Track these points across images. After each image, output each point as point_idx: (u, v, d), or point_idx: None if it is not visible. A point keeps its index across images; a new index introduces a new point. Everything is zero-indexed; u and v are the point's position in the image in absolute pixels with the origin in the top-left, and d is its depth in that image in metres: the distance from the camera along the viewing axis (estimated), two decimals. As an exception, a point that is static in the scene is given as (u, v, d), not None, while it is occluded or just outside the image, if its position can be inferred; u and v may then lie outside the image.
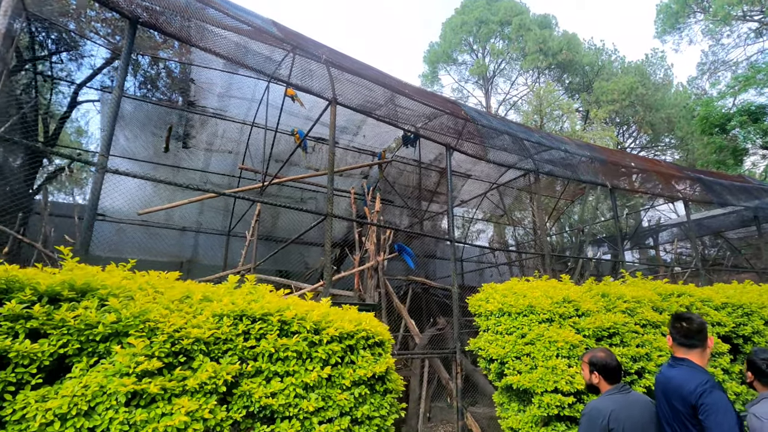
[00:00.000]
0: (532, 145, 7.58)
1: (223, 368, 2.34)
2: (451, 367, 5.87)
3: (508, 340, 4.81)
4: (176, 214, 10.16)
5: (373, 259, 7.95)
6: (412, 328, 7.58)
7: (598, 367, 2.70)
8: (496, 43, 26.38)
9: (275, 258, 11.43)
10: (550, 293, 5.11)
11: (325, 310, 2.91)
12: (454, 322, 5.73)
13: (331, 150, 5.23)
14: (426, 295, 9.83)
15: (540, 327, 4.75)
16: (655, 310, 5.71)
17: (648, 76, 25.93)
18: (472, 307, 5.44)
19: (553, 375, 4.41)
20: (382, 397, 2.94)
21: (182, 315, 2.44)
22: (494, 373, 4.93)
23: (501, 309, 5.02)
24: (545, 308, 4.88)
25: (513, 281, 5.50)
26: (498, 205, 13.09)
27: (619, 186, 8.15)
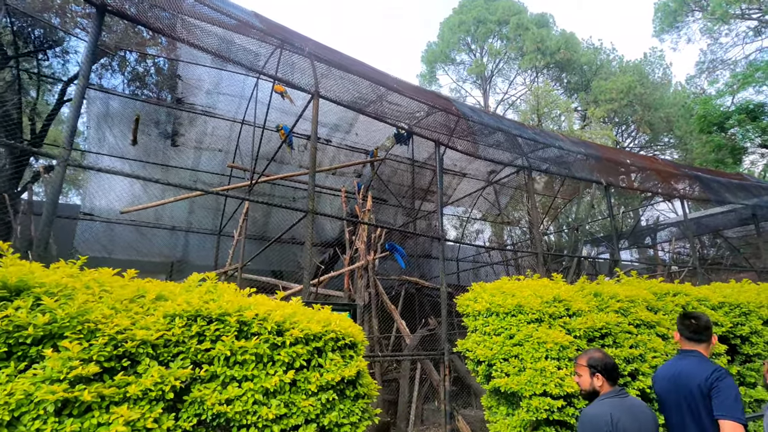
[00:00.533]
0: (526, 142, 7.38)
1: (172, 373, 2.14)
2: (445, 367, 5.67)
3: (496, 341, 4.60)
4: (166, 213, 9.98)
5: (363, 259, 7.75)
6: (402, 328, 7.38)
7: (600, 368, 2.49)
8: (494, 43, 26.21)
9: (269, 258, 11.27)
10: (540, 292, 4.90)
11: (290, 310, 2.71)
12: (443, 322, 5.53)
13: (312, 144, 5.04)
14: (419, 296, 9.63)
15: (529, 327, 4.55)
16: (649, 310, 5.50)
17: (646, 75, 25.73)
18: (460, 306, 5.24)
19: (541, 377, 4.20)
20: (352, 403, 2.74)
21: (130, 315, 2.25)
22: (482, 376, 4.73)
23: (489, 309, 4.82)
24: (534, 308, 4.68)
25: (503, 280, 5.30)
26: (494, 204, 12.89)
27: (614, 183, 7.94)
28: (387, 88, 6.19)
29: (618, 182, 8.02)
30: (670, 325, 5.48)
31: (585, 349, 4.82)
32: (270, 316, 2.55)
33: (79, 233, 9.20)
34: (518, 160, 10.43)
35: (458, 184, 12.42)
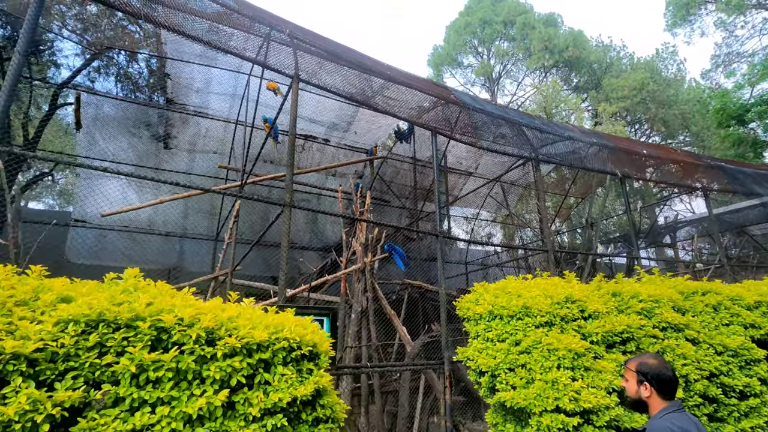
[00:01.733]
0: (533, 133, 6.77)
1: (53, 397, 1.60)
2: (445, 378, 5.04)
3: (500, 349, 3.98)
4: (160, 219, 9.58)
5: (360, 261, 7.19)
6: (403, 335, 6.77)
7: (649, 377, 2.18)
8: (500, 44, 25.63)
9: (268, 263, 10.76)
10: (550, 292, 4.27)
11: (229, 313, 2.16)
12: (442, 327, 4.92)
13: (291, 132, 4.52)
14: (423, 301, 9.00)
15: (537, 332, 3.91)
16: (676, 311, 4.81)
17: (659, 71, 24.83)
18: (460, 310, 4.63)
19: (553, 390, 3.56)
20: (311, 429, 2.17)
21: (10, 321, 1.72)
22: (485, 388, 4.10)
23: (491, 311, 4.21)
24: (543, 309, 4.04)
25: (508, 279, 4.68)
26: (502, 204, 12.23)
27: (630, 175, 7.25)
28: (378, 75, 5.65)
29: (634, 174, 7.33)
30: (700, 328, 4.77)
31: (603, 356, 4.17)
32: (198, 320, 2.00)
33: (70, 241, 8.83)
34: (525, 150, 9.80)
35: (464, 183, 11.81)
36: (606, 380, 3.75)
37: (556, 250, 7.56)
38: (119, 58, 8.63)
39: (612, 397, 3.67)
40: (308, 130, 9.62)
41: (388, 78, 5.74)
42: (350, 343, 6.75)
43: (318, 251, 11.08)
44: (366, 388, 6.67)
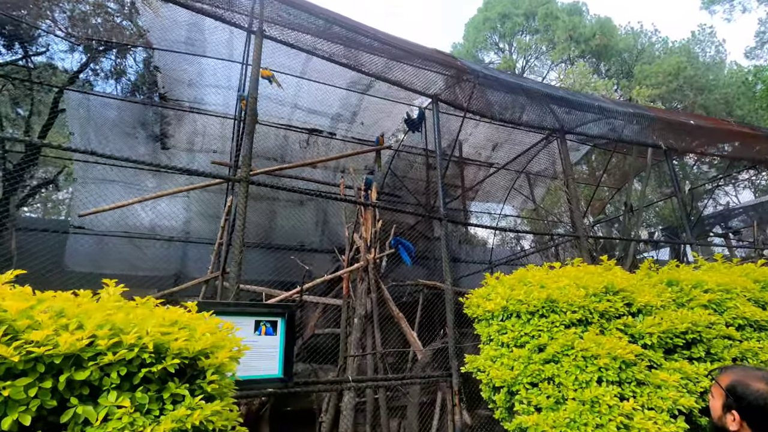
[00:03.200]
0: (558, 104, 5.72)
1: None
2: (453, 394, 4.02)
3: (518, 356, 2.96)
4: (161, 224, 9.03)
5: (363, 258, 6.29)
6: (413, 341, 5.80)
7: (743, 405, 1.36)
8: (522, 38, 24.44)
9: (277, 268, 10.03)
10: (583, 281, 3.22)
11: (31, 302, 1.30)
12: (449, 331, 3.94)
13: (251, 95, 3.70)
14: (440, 303, 7.97)
15: (568, 333, 2.88)
16: (754, 304, 3.63)
17: (696, 55, 22.93)
18: (468, 308, 3.64)
19: (593, 414, 2.52)
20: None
21: None
22: (502, 408, 3.09)
23: (505, 308, 3.19)
24: (576, 303, 3.00)
25: (528, 268, 3.65)
26: (528, 196, 11.05)
27: (676, 147, 6.04)
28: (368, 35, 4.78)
29: (680, 146, 6.10)
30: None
31: (662, 364, 3.06)
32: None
33: (69, 248, 8.39)
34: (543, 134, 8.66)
35: (486, 175, 10.73)
36: (668, 398, 2.66)
37: (589, 236, 6.40)
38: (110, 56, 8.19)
39: (679, 423, 2.58)
40: (311, 123, 8.87)
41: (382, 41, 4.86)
42: (352, 351, 5.83)
43: (329, 254, 10.26)
44: (372, 403, 5.71)
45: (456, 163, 10.21)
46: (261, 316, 2.60)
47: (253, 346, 2.57)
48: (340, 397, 5.86)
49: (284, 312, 2.66)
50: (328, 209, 10.00)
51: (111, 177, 8.71)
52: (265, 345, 2.57)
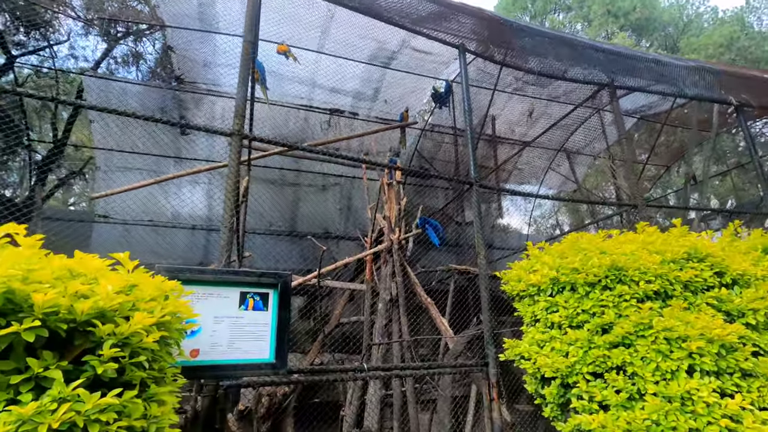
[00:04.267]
0: (605, 56, 4.92)
1: None
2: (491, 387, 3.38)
3: (574, 339, 2.30)
4: (184, 211, 8.80)
5: (387, 239, 5.72)
6: (444, 329, 5.18)
7: None
8: (555, 17, 23.12)
9: (304, 256, 9.67)
10: (656, 245, 2.51)
11: None
12: (484, 315, 3.31)
13: (246, 38, 3.19)
14: (473, 290, 7.29)
15: (643, 309, 2.19)
16: None
17: (750, 25, 20.89)
18: (508, 283, 2.99)
19: (684, 414, 1.85)
20: None
21: None
22: (553, 405, 2.44)
23: (555, 279, 2.53)
24: (651, 271, 2.30)
25: (577, 234, 2.95)
26: (568, 177, 10.13)
27: (750, 103, 5.09)
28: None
29: (757, 102, 5.13)
30: None
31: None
32: None
33: (94, 238, 8.30)
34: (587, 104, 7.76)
35: (519, 156, 9.89)
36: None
37: (649, 204, 5.55)
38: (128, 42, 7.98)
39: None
40: (332, 102, 8.36)
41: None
42: (378, 339, 5.29)
43: (355, 241, 9.77)
44: (399, 396, 5.15)
45: (488, 141, 9.44)
46: (248, 286, 2.08)
47: (237, 323, 2.06)
48: (365, 390, 5.34)
49: (276, 282, 2.12)
50: (353, 194, 9.50)
51: (132, 165, 8.54)
52: (253, 322, 2.05)
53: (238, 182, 2.57)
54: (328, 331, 6.36)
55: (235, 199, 2.51)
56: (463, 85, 3.95)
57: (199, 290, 1.99)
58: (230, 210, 2.47)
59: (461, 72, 4.07)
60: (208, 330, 1.96)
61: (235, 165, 2.59)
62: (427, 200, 9.44)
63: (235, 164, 2.59)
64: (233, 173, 2.59)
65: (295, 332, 7.59)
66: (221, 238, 2.51)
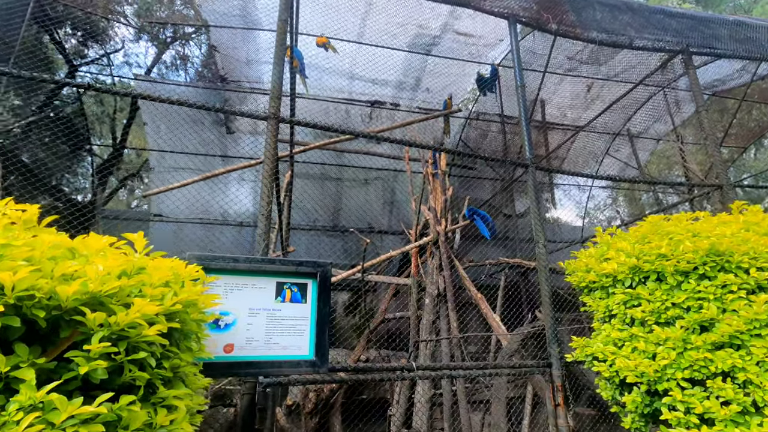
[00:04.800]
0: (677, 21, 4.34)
1: None
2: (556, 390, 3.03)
3: (664, 338, 1.92)
4: (232, 209, 8.97)
5: (432, 231, 5.43)
6: (495, 325, 4.81)
7: None
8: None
9: (347, 250, 9.60)
10: (764, 227, 2.07)
11: None
12: (545, 309, 2.95)
13: (280, 17, 3.01)
14: (526, 284, 6.84)
15: (758, 302, 1.78)
16: None
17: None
18: (573, 274, 2.62)
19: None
20: None
21: None
22: (635, 415, 2.07)
23: (637, 267, 2.15)
24: (763, 255, 1.88)
25: (658, 217, 2.52)
26: (628, 162, 9.34)
27: None
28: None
29: None
30: None
31: None
32: None
33: (152, 236, 8.65)
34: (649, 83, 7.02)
35: (572, 142, 9.23)
36: None
37: (737, 185, 4.88)
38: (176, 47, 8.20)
39: None
40: (372, 94, 8.15)
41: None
42: (425, 336, 5.02)
43: (399, 235, 9.54)
44: (449, 396, 4.86)
45: (537, 128, 8.86)
46: (285, 276, 1.89)
47: (274, 316, 1.87)
48: (413, 388, 5.10)
49: (315, 271, 1.92)
50: (396, 187, 9.26)
51: (182, 165, 8.79)
52: (291, 315, 1.86)
53: (276, 168, 2.41)
54: (374, 327, 6.17)
55: (272, 185, 2.34)
56: (513, 55, 3.57)
57: (232, 280, 1.82)
58: (267, 196, 2.30)
59: (511, 43, 3.69)
60: (243, 323, 1.79)
61: (272, 149, 2.42)
62: (473, 192, 9.02)
63: (272, 148, 2.43)
64: (270, 158, 2.42)
65: (340, 328, 7.49)
66: (258, 226, 2.35)
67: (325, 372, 1.81)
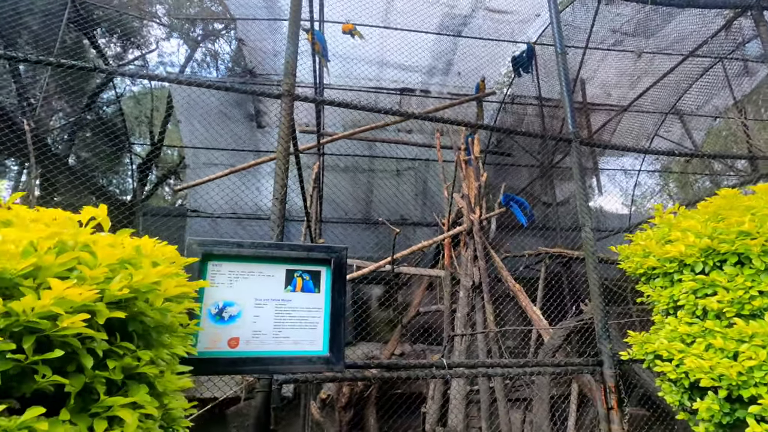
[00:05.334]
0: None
1: None
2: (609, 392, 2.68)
3: (750, 334, 1.57)
4: (264, 203, 9.01)
5: (466, 220, 5.11)
6: (535, 319, 4.46)
7: None
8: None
9: (377, 243, 9.44)
10: None
11: None
12: (594, 300, 2.61)
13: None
14: (569, 275, 6.38)
15: None
16: None
17: None
18: (628, 259, 2.27)
19: None
20: None
21: None
22: (710, 424, 1.72)
23: (710, 249, 1.79)
24: None
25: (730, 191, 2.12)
26: (679, 143, 8.56)
27: None
28: None
29: None
30: None
31: None
32: None
33: (189, 230, 8.84)
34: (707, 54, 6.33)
35: (617, 122, 8.56)
36: None
37: None
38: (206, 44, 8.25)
39: None
40: (402, 81, 7.87)
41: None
42: (460, 330, 4.74)
43: (432, 227, 9.25)
44: (487, 393, 4.56)
45: (578, 109, 8.27)
46: (295, 263, 1.70)
47: (283, 307, 1.67)
48: (448, 384, 4.84)
49: (329, 257, 1.70)
50: (428, 177, 8.96)
51: (216, 161, 8.89)
52: (302, 306, 1.66)
53: (288, 148, 2.21)
54: (407, 320, 5.95)
55: (286, 167, 2.15)
56: (552, 16, 3.19)
57: (237, 267, 1.64)
58: (281, 179, 2.12)
59: (549, 4, 3.30)
60: (249, 315, 1.60)
61: (286, 128, 2.23)
62: (509, 180, 8.56)
63: (286, 128, 2.23)
64: (284, 137, 2.23)
65: (372, 321, 7.32)
66: (272, 212, 2.17)
67: (341, 370, 1.59)
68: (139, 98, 9.54)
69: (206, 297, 1.54)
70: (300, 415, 4.59)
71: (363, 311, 7.53)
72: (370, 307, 7.90)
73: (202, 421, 5.32)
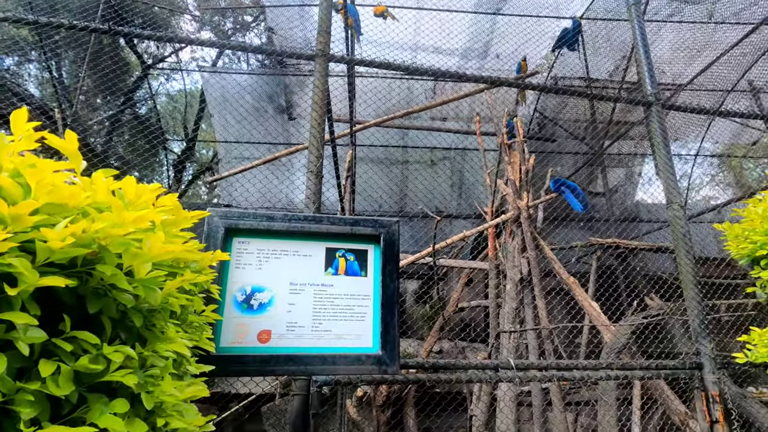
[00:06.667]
0: None
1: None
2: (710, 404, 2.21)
3: None
4: (297, 198, 8.85)
5: (512, 207, 4.68)
6: (594, 315, 3.99)
7: None
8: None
9: (414, 237, 9.12)
10: None
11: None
12: (688, 293, 2.17)
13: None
14: (624, 267, 5.81)
15: None
16: None
17: None
18: (736, 239, 1.84)
19: None
20: None
21: None
22: None
23: None
24: None
25: None
26: (745, 124, 7.74)
27: None
28: None
29: None
30: None
31: None
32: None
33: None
34: None
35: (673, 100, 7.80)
36: None
37: None
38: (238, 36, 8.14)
39: None
40: (436, 65, 7.46)
41: None
42: (507, 326, 4.33)
43: (469, 219, 8.81)
44: (540, 395, 4.14)
45: (628, 90, 7.61)
46: (336, 240, 1.38)
47: (323, 293, 1.36)
48: (495, 384, 4.46)
49: (378, 233, 1.38)
50: (464, 167, 8.53)
51: (249, 155, 8.81)
52: (347, 293, 1.35)
53: (324, 116, 1.92)
54: (447, 316, 5.58)
55: (321, 135, 1.86)
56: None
57: (267, 245, 1.35)
58: (316, 149, 1.82)
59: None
60: (283, 303, 1.30)
61: (321, 92, 1.93)
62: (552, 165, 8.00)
63: (321, 91, 1.94)
64: (319, 102, 1.93)
65: (409, 316, 7.00)
66: (307, 187, 1.88)
67: (396, 371, 1.26)
68: (173, 96, 9.59)
69: (230, 280, 1.25)
70: (336, 413, 4.33)
71: (398, 307, 7.22)
72: (405, 302, 7.58)
73: (237, 417, 5.15)
